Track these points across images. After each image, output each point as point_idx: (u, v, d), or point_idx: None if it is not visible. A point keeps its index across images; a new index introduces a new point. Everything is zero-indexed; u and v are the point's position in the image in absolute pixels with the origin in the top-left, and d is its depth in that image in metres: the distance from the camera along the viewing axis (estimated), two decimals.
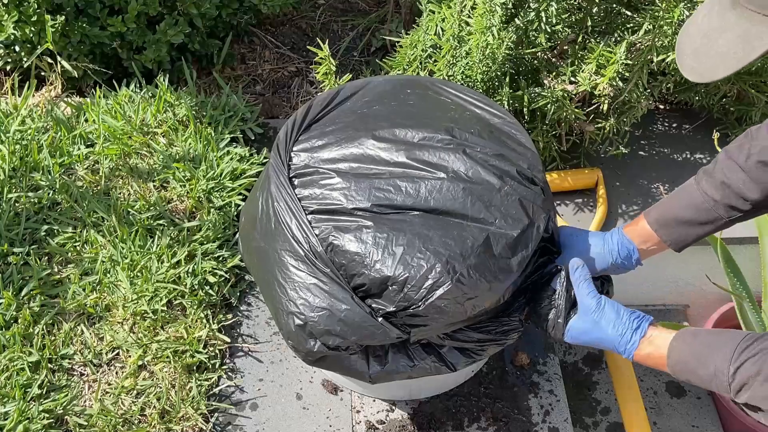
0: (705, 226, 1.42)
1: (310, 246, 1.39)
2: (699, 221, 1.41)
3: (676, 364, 1.27)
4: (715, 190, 1.39)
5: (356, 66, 2.53)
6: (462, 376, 1.76)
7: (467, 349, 1.47)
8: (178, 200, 1.99)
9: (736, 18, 1.04)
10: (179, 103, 2.16)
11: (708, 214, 1.40)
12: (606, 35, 1.98)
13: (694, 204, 1.41)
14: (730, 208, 1.38)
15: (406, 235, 1.37)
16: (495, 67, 1.91)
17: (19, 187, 1.96)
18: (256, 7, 2.46)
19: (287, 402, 1.74)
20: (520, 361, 1.82)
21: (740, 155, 1.36)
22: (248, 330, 1.85)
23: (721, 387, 1.20)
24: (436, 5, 1.98)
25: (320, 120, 1.59)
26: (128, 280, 1.81)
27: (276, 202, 1.45)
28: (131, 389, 1.69)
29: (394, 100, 1.60)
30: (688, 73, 1.10)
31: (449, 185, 1.43)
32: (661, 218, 1.45)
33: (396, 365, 1.46)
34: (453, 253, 1.35)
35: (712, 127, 2.23)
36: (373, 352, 1.46)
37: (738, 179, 1.36)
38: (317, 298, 1.38)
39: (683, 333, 1.29)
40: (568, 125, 2.06)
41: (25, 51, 2.27)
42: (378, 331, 1.36)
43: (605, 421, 1.91)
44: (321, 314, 1.37)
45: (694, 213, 1.41)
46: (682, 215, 1.42)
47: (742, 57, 1.03)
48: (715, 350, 1.21)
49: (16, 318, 1.76)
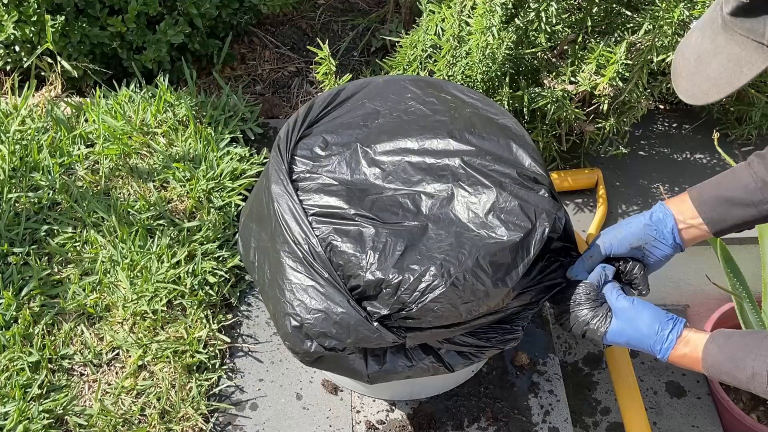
0: (748, 208, 1.37)
1: (309, 247, 1.40)
2: (744, 202, 1.36)
3: (711, 366, 1.28)
4: (767, 171, 1.34)
5: (356, 66, 2.53)
6: (462, 376, 1.76)
7: (465, 352, 1.48)
8: (178, 200, 1.99)
9: (726, 41, 1.06)
10: (179, 103, 2.16)
11: (754, 196, 1.35)
12: (606, 35, 1.98)
13: (742, 184, 1.36)
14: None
15: (404, 241, 1.38)
16: (495, 67, 1.91)
17: (19, 187, 1.96)
18: (256, 7, 2.46)
19: (287, 402, 1.74)
20: (520, 361, 1.82)
21: None
22: (248, 330, 1.85)
23: (759, 389, 1.21)
24: (436, 5, 1.98)
25: (321, 121, 1.59)
26: (128, 280, 1.81)
27: (276, 202, 1.45)
28: (131, 389, 1.69)
29: (395, 106, 1.61)
30: (683, 95, 1.13)
31: (449, 198, 1.46)
32: (705, 194, 1.41)
33: (394, 365, 1.46)
34: (449, 257, 1.36)
35: (712, 127, 2.23)
36: (372, 352, 1.46)
37: None
38: (314, 300, 1.38)
39: (717, 335, 1.30)
40: (568, 125, 2.06)
41: (25, 51, 2.27)
42: (374, 335, 1.37)
43: (605, 421, 1.91)
44: (317, 316, 1.38)
45: (740, 192, 1.36)
46: (727, 194, 1.38)
47: (733, 81, 1.06)
48: (750, 352, 1.23)
49: (16, 318, 1.76)
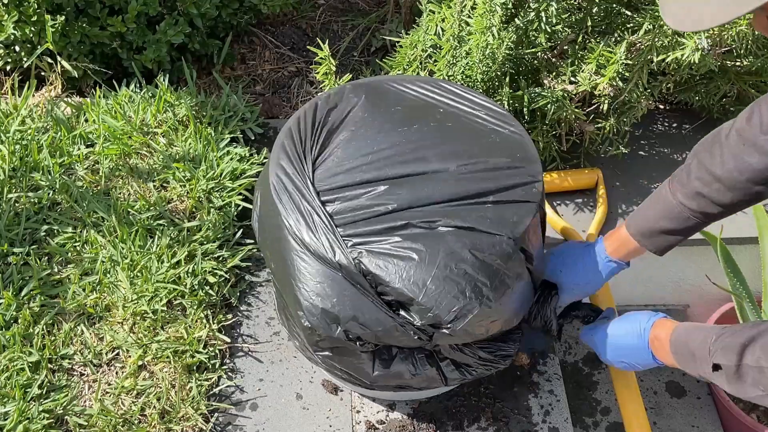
0: (685, 231, 1.48)
1: (340, 265, 1.40)
2: (679, 229, 1.48)
3: (675, 341, 1.38)
4: (691, 200, 1.44)
5: (356, 66, 2.53)
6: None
7: (463, 366, 1.53)
8: (178, 200, 1.99)
9: None
10: (179, 103, 2.16)
11: (687, 222, 1.46)
12: (606, 35, 1.98)
13: (673, 214, 1.47)
14: (705, 215, 1.44)
15: (438, 258, 1.39)
16: (495, 67, 1.91)
17: (19, 187, 1.96)
18: (256, 7, 2.46)
19: (287, 402, 1.74)
20: (520, 361, 1.82)
21: (714, 165, 1.39)
22: (248, 330, 1.85)
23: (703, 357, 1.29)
24: (436, 5, 1.98)
25: (331, 138, 1.57)
26: (128, 280, 1.81)
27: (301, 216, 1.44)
28: (131, 389, 1.69)
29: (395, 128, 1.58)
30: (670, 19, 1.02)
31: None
32: (644, 230, 1.52)
33: (399, 370, 1.50)
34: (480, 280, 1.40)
35: (712, 127, 2.19)
36: (380, 355, 1.49)
37: (713, 190, 1.40)
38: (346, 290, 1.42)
39: (682, 323, 1.42)
40: (568, 125, 2.06)
41: (25, 51, 2.27)
42: (403, 337, 1.41)
43: (605, 421, 1.91)
44: (348, 303, 1.41)
45: (674, 223, 1.47)
46: (663, 225, 1.49)
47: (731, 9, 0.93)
48: (709, 334, 1.31)
49: (16, 318, 1.76)
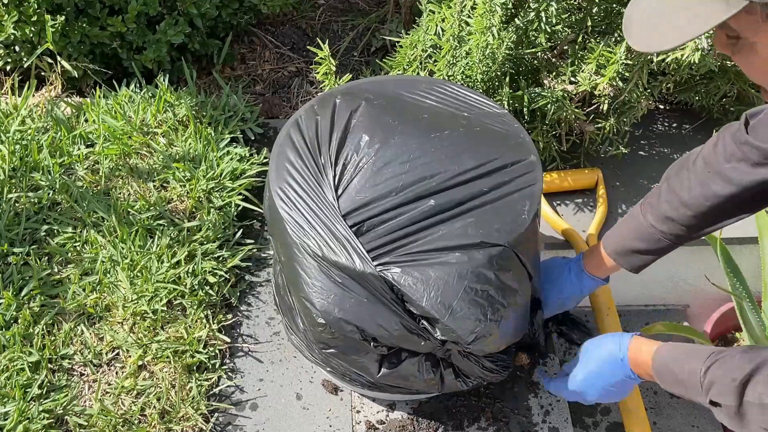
0: (658, 252, 1.54)
1: (363, 274, 1.40)
2: (651, 249, 1.54)
3: (659, 366, 1.36)
4: (662, 223, 1.49)
5: (356, 66, 2.53)
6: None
7: (461, 376, 1.56)
8: (178, 200, 1.99)
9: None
10: (179, 103, 2.16)
11: (659, 243, 1.52)
12: (606, 35, 1.98)
13: (645, 236, 1.52)
14: (676, 236, 1.50)
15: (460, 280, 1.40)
16: (495, 67, 1.91)
17: (19, 187, 1.96)
18: (256, 7, 2.46)
19: (287, 402, 1.74)
20: (520, 361, 1.82)
21: (682, 189, 1.44)
22: (248, 330, 1.85)
23: (692, 385, 1.27)
24: (436, 5, 1.98)
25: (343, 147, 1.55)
26: (128, 280, 1.81)
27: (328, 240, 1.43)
28: (131, 389, 1.69)
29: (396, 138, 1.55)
30: (634, 42, 1.03)
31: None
32: (618, 249, 1.58)
33: (404, 373, 1.51)
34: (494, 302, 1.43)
35: (712, 127, 2.23)
36: (389, 357, 1.50)
37: (680, 214, 1.46)
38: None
39: (664, 344, 1.38)
40: (568, 125, 2.06)
41: (25, 51, 2.27)
42: (422, 342, 1.44)
43: (605, 421, 1.91)
44: (368, 307, 1.42)
45: (646, 244, 1.53)
46: (636, 246, 1.55)
47: (690, 30, 0.94)
48: (693, 356, 1.28)
49: (16, 318, 1.76)
